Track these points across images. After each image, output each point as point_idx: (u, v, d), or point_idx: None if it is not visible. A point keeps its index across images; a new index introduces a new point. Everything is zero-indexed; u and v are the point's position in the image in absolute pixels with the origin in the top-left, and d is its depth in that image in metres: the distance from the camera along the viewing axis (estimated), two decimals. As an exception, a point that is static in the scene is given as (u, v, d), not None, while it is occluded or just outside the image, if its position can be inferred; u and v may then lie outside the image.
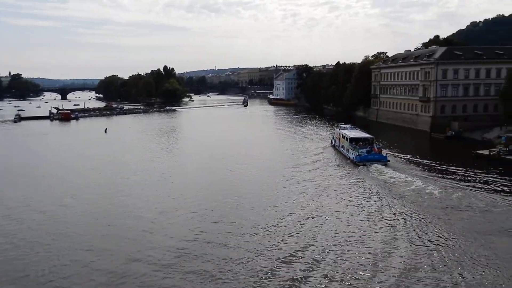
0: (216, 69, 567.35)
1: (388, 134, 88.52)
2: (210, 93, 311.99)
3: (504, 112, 71.75)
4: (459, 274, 24.02)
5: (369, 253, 26.95)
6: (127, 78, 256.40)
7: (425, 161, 56.54)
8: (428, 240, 28.73)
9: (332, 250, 27.61)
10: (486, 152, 57.24)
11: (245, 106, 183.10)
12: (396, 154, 61.88)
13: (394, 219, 33.33)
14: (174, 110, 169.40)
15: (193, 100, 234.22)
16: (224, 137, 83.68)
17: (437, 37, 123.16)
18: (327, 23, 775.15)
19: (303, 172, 51.01)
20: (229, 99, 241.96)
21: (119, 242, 29.77)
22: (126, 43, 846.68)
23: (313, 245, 28.62)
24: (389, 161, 53.32)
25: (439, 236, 29.40)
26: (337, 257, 26.53)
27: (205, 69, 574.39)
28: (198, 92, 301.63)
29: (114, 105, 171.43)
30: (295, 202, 38.49)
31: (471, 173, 48.31)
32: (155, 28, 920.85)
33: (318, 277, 24.16)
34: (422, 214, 34.10)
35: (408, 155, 60.67)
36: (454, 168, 50.92)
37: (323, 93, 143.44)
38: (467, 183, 43.63)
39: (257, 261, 26.24)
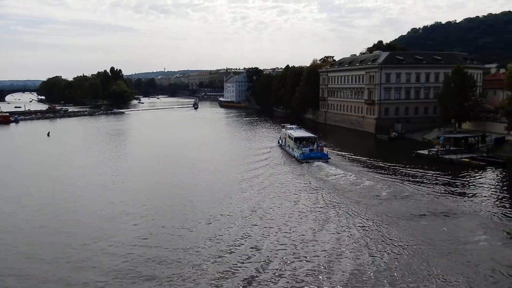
0: (165, 71, 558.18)
1: (336, 135, 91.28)
2: (159, 96, 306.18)
3: (442, 114, 75.88)
4: (379, 252, 27.50)
5: (301, 238, 30.08)
6: (72, 79, 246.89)
7: (366, 159, 59.34)
8: (352, 225, 32.39)
9: (268, 236, 30.98)
10: (425, 152, 60.44)
11: (196, 108, 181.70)
12: (342, 153, 64.73)
13: (324, 207, 37.07)
14: (122, 112, 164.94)
15: (142, 103, 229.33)
16: (174, 140, 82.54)
17: (380, 42, 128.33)
18: (276, 26, 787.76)
19: (251, 170, 53.39)
20: (179, 102, 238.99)
21: (65, 250, 28.57)
22: (70, 43, 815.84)
23: (251, 236, 30.75)
24: (330, 158, 57.20)
25: (362, 221, 33.16)
26: (271, 243, 29.59)
27: (155, 71, 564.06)
28: (147, 94, 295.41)
29: (58, 108, 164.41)
30: (242, 196, 40.89)
31: (405, 169, 51.86)
32: (101, 28, 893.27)
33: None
34: (350, 203, 37.79)
35: (352, 154, 63.42)
36: (392, 165, 54.24)
37: (273, 96, 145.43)
38: (397, 177, 47.60)
39: (208, 264, 26.17)
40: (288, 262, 26.30)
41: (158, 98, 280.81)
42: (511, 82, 59.73)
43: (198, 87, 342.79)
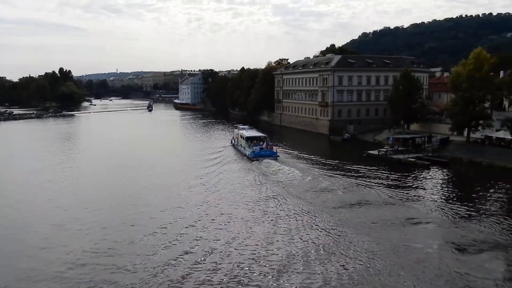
0: (118, 72, 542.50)
1: (290, 137, 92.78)
2: (112, 97, 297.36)
3: (391, 116, 78.91)
4: (310, 239, 30.52)
5: (245, 225, 33.34)
6: (17, 80, 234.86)
7: (319, 158, 61.67)
8: (287, 215, 35.80)
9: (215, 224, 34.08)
10: (375, 152, 62.69)
11: (150, 110, 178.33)
12: (295, 153, 67.03)
13: (267, 199, 40.56)
14: (72, 115, 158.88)
15: (94, 105, 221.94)
16: (128, 143, 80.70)
17: (333, 45, 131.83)
18: (231, 28, 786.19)
19: (204, 167, 56.21)
20: (132, 104, 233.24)
21: (11, 259, 27.24)
22: (15, 43, 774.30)
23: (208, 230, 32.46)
24: (278, 156, 60.81)
25: (297, 210, 36.82)
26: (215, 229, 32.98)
27: (106, 72, 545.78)
28: (99, 96, 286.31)
29: (2, 110, 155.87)
30: (193, 192, 43.46)
31: (352, 167, 54.81)
32: (49, 27, 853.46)
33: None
34: (290, 195, 41.46)
35: (306, 154, 65.48)
36: (342, 164, 57.00)
37: (229, 98, 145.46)
38: (344, 174, 50.76)
39: (166, 267, 25.85)
40: (240, 262, 26.66)
41: (110, 100, 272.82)
42: (455, 86, 62.98)
43: (153, 88, 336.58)
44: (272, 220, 34.62)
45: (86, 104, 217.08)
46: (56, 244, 29.72)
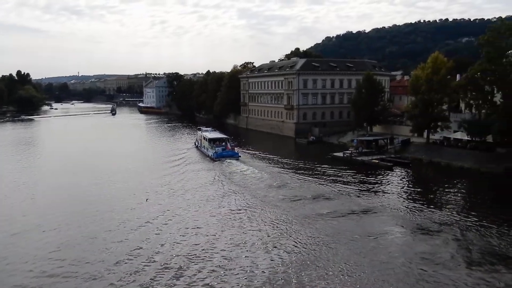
0: (79, 75, 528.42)
1: (257, 140, 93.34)
2: (74, 101, 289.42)
3: (355, 118, 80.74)
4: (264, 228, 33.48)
5: (201, 222, 35.22)
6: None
7: (284, 160, 63.24)
8: (240, 208, 38.63)
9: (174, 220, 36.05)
10: (340, 154, 63.98)
11: (113, 114, 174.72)
12: (260, 154, 68.66)
13: (224, 196, 43.22)
14: (31, 119, 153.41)
15: (55, 109, 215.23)
16: (90, 148, 78.56)
17: (297, 49, 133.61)
18: (196, 32, 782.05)
19: (168, 168, 57.92)
20: (95, 107, 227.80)
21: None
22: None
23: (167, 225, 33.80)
24: (240, 156, 63.54)
25: (247, 203, 39.98)
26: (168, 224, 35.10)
27: (67, 75, 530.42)
28: (59, 100, 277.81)
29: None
30: (158, 192, 44.82)
31: (315, 167, 56.51)
32: (5, 28, 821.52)
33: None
34: (244, 191, 44.56)
35: (272, 156, 66.54)
36: (305, 165, 58.50)
37: (195, 101, 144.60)
38: (302, 172, 53.18)
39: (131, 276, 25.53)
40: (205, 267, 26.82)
41: (72, 104, 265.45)
42: (414, 88, 65.18)
43: (116, 92, 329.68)
44: (224, 215, 36.67)
45: (46, 108, 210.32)
46: (17, 253, 28.64)
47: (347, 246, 29.04)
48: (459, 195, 43.81)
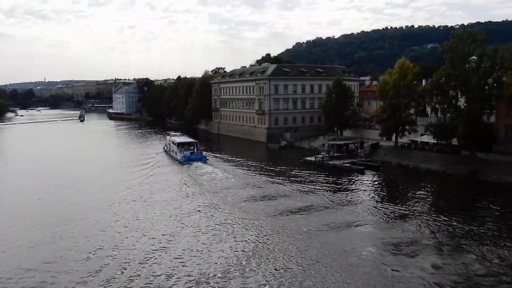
0: (46, 81, 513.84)
1: (228, 145, 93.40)
2: (40, 108, 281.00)
3: (326, 123, 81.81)
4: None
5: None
6: None
7: (253, 163, 64.74)
8: (205, 206, 41.12)
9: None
10: (312, 158, 64.63)
11: (82, 121, 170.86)
12: (230, 159, 69.32)
13: (188, 196, 45.33)
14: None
15: (21, 116, 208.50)
16: (56, 155, 76.66)
17: (268, 55, 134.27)
18: (166, 37, 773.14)
19: (136, 171, 59.11)
20: (63, 114, 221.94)
21: None
22: None
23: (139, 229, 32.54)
24: (208, 159, 65.35)
25: (211, 203, 41.75)
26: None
27: (33, 81, 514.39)
28: (25, 107, 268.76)
29: None
30: (125, 194, 46.27)
31: (287, 171, 57.45)
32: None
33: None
34: (207, 192, 46.67)
35: (243, 160, 67.37)
36: (274, 169, 59.79)
37: (166, 107, 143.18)
38: (272, 175, 54.67)
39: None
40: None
41: (38, 111, 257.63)
42: (382, 93, 66.69)
43: (84, 98, 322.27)
44: (184, 215, 38.11)
45: (11, 115, 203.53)
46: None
47: (318, 250, 29.30)
48: (427, 196, 45.08)
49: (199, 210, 39.66)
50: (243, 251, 29.39)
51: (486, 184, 48.29)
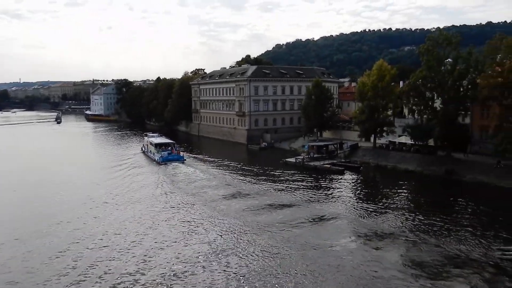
0: (21, 82, 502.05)
1: (208, 146, 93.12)
2: (15, 109, 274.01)
3: (305, 124, 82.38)
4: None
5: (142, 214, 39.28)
6: None
7: (233, 164, 65.16)
8: (178, 204, 42.40)
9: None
10: (292, 160, 64.98)
11: (59, 123, 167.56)
12: (210, 160, 70.09)
13: (163, 194, 46.79)
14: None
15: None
16: (33, 159, 74.90)
17: (248, 56, 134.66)
18: (145, 38, 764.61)
19: (114, 172, 59.86)
20: (39, 116, 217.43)
21: None
22: None
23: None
24: (185, 160, 66.56)
25: (184, 201, 43.30)
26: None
27: (7, 82, 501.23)
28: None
29: None
30: (104, 193, 47.05)
31: (268, 172, 58.03)
32: None
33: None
34: (182, 191, 47.91)
35: (220, 161, 68.35)
36: (253, 169, 60.65)
37: (145, 109, 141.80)
38: (252, 176, 55.54)
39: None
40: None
41: (13, 112, 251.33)
42: (361, 95, 67.54)
43: (61, 99, 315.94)
44: (158, 213, 39.23)
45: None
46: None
47: (300, 252, 29.46)
48: (405, 196, 45.88)
49: (173, 208, 40.82)
50: (216, 251, 29.65)
51: (461, 184, 49.47)
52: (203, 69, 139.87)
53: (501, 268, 26.25)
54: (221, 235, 32.79)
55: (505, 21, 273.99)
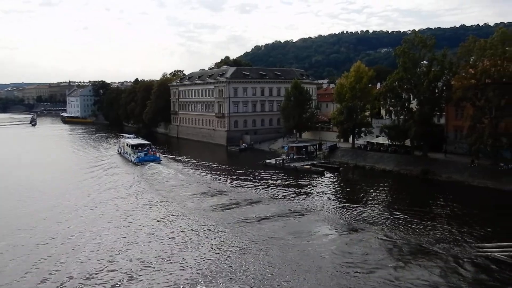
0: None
1: (188, 148, 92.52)
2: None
3: (285, 125, 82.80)
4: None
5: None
6: None
7: (211, 165, 65.87)
8: (152, 202, 43.65)
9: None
10: (273, 161, 65.19)
11: (34, 125, 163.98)
12: (188, 161, 70.53)
13: (138, 194, 47.61)
14: None
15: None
16: (6, 163, 73.17)
17: (227, 58, 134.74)
18: (123, 39, 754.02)
19: (89, 172, 60.66)
20: (12, 118, 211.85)
21: None
22: None
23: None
24: (161, 160, 68.07)
25: (156, 200, 44.40)
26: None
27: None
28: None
29: None
30: (77, 194, 47.55)
31: (241, 172, 59.35)
32: None
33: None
34: (157, 190, 48.80)
35: (198, 162, 68.85)
36: (232, 170, 61.58)
37: (123, 110, 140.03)
38: (228, 176, 56.75)
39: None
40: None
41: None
42: (339, 96, 68.30)
43: (36, 101, 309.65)
44: (132, 213, 39.74)
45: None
46: None
47: (278, 251, 29.58)
48: (384, 196, 46.63)
49: (145, 207, 41.81)
50: (181, 249, 30.52)
51: (437, 183, 50.58)
52: (182, 71, 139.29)
53: (477, 265, 26.90)
54: (184, 233, 33.80)
55: (478, 24, 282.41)
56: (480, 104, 48.49)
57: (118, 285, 24.91)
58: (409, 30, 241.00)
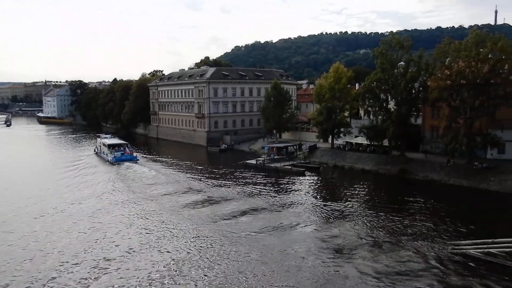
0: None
1: (167, 149, 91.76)
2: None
3: (265, 126, 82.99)
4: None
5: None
6: None
7: (190, 165, 66.47)
8: (125, 201, 43.93)
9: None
10: (253, 161, 65.20)
11: (8, 125, 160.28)
12: (167, 161, 70.69)
13: (112, 192, 48.13)
14: None
15: None
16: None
17: (207, 58, 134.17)
18: (100, 38, 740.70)
19: (66, 172, 60.69)
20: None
21: None
22: None
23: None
24: (138, 160, 68.56)
25: (130, 198, 44.78)
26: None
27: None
28: None
29: None
30: (51, 194, 47.87)
31: (216, 171, 60.39)
32: None
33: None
34: (132, 189, 49.21)
35: (176, 162, 69.19)
36: (207, 169, 62.56)
37: (101, 111, 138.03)
38: (197, 175, 57.66)
39: None
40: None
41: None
42: (318, 96, 68.79)
43: (11, 101, 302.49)
44: (106, 209, 40.55)
45: None
46: None
47: (258, 254, 29.64)
48: (363, 195, 47.06)
49: (117, 205, 42.36)
50: (152, 246, 30.01)
51: (414, 182, 51.54)
52: (162, 71, 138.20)
53: (453, 262, 27.45)
54: (156, 228, 34.55)
55: (453, 26, 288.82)
56: (455, 105, 49.56)
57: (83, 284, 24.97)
58: (387, 32, 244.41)
